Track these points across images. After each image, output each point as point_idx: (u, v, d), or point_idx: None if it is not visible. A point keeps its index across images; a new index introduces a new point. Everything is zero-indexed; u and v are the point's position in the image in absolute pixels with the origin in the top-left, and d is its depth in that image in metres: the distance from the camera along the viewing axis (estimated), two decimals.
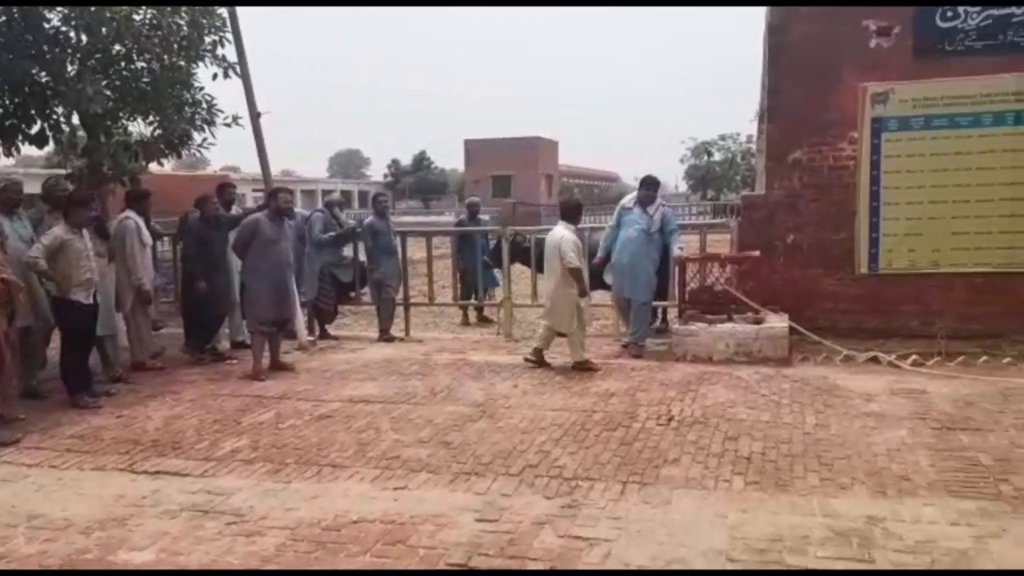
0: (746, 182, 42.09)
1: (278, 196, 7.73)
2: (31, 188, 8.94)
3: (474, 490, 4.48)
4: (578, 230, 7.74)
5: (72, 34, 8.38)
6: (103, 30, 8.12)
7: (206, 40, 8.89)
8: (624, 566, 3.56)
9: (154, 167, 10.97)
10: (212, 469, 4.95)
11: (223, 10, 8.89)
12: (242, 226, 7.61)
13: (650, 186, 8.19)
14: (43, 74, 8.46)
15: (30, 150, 9.45)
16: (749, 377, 6.85)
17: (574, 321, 7.40)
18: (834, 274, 8.15)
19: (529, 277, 9.61)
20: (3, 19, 8.07)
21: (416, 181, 65.72)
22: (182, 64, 8.88)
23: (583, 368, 7.30)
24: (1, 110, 8.55)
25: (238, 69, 8.69)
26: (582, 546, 3.74)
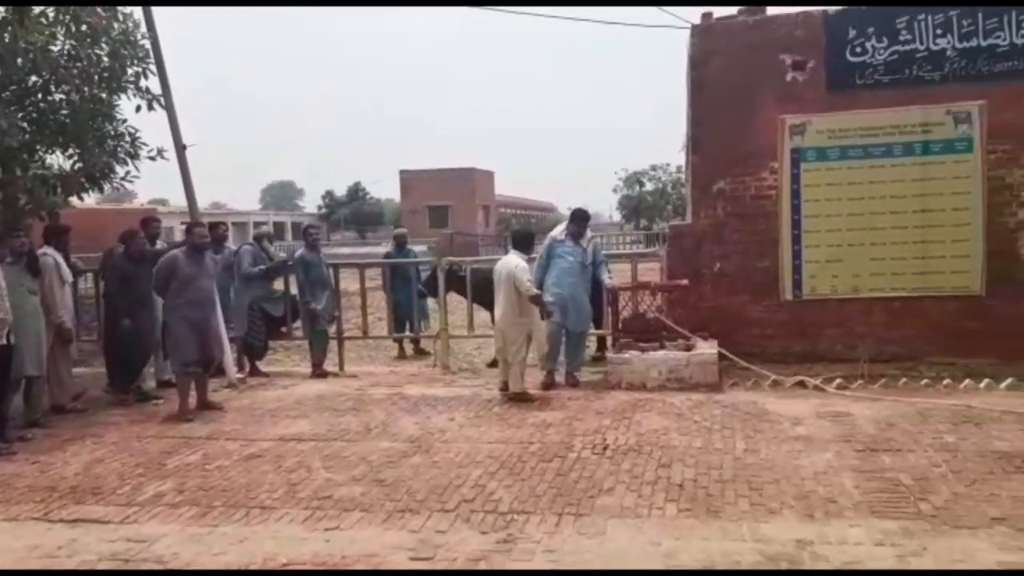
0: (677, 211, 43.05)
1: (193, 231, 7.50)
2: None
3: (408, 528, 4.41)
4: (529, 259, 7.80)
5: None
6: (18, 61, 7.86)
7: (128, 71, 8.68)
8: None
9: (79, 201, 10.60)
10: (134, 515, 4.75)
11: (145, 41, 8.70)
12: (159, 264, 7.36)
13: (581, 221, 8.20)
14: None
15: None
16: (681, 404, 6.95)
17: (521, 351, 7.43)
18: (760, 300, 8.39)
19: (465, 308, 9.59)
20: None
21: (351, 212, 65.18)
22: (103, 96, 8.63)
23: (521, 399, 7.30)
24: None
25: (162, 101, 8.49)
26: None
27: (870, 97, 8.06)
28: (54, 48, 8.20)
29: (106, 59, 8.50)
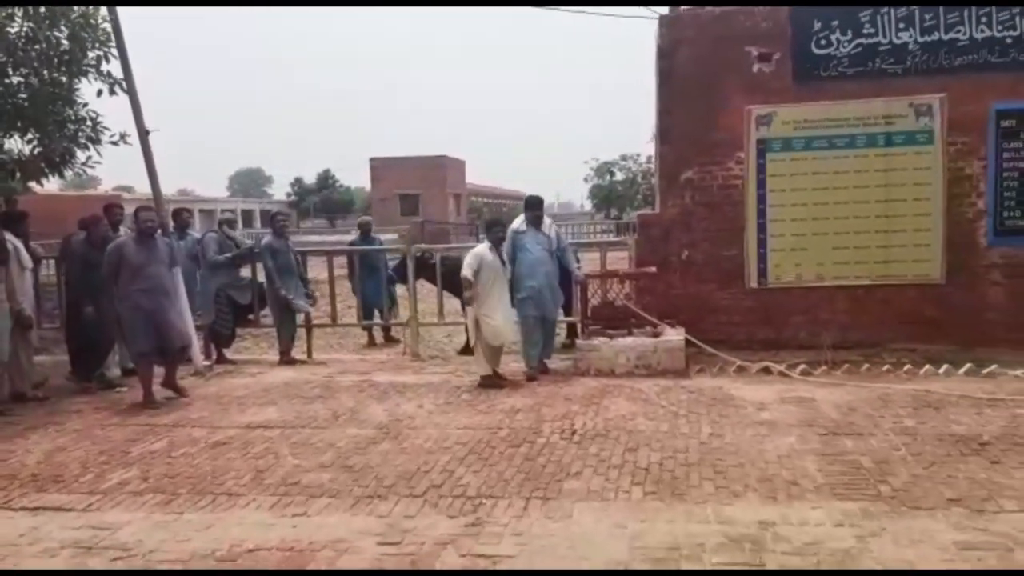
0: (647, 200, 43.32)
1: (139, 215, 7.22)
2: None
3: (376, 513, 4.41)
4: (492, 248, 7.63)
5: None
6: None
7: (89, 55, 8.51)
8: None
9: (39, 187, 10.40)
10: (97, 503, 4.69)
11: (107, 24, 8.52)
12: (107, 252, 7.10)
13: (536, 206, 8.07)
14: None
15: None
16: (649, 389, 7.02)
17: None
18: (727, 288, 8.48)
19: (435, 296, 9.57)
20: None
21: (321, 200, 64.56)
22: (63, 79, 8.46)
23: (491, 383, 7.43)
24: None
25: (124, 85, 8.33)
26: (485, 564, 3.74)
27: (835, 89, 8.17)
28: (11, 30, 8.03)
29: (65, 42, 8.35)
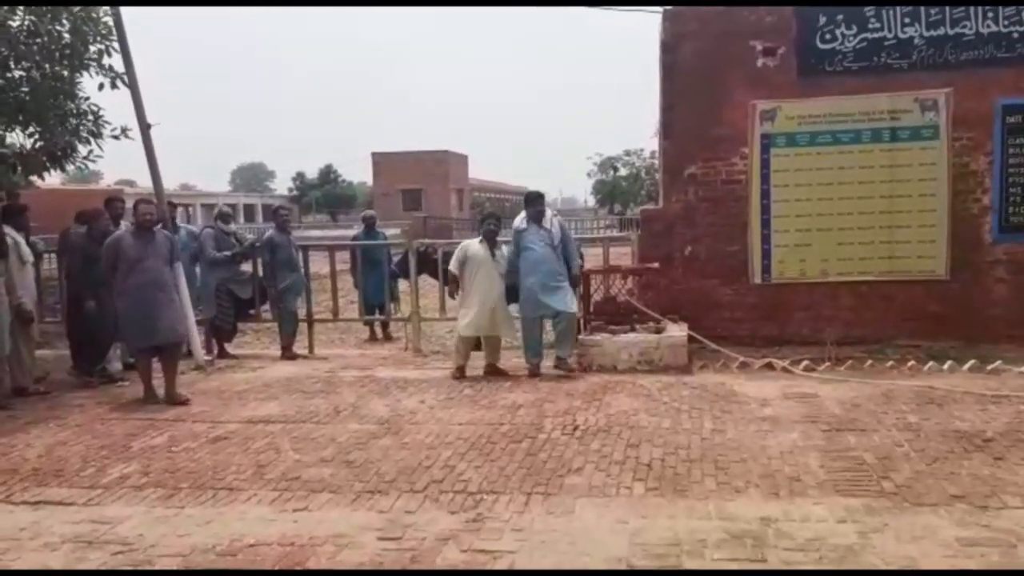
0: (650, 196, 43.21)
1: (138, 209, 7.12)
2: None
3: (377, 508, 4.39)
4: (483, 240, 7.68)
5: None
6: None
7: (91, 49, 8.49)
8: None
9: (41, 181, 10.40)
10: (98, 497, 4.68)
11: (108, 18, 8.50)
12: (104, 246, 7.05)
13: (536, 201, 7.87)
14: None
15: None
16: (651, 385, 7.00)
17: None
18: (730, 284, 8.45)
19: (437, 291, 9.55)
20: None
21: (323, 195, 64.57)
22: (65, 73, 8.45)
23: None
24: None
25: (126, 79, 8.31)
26: (485, 559, 3.72)
27: (839, 84, 8.13)
28: (13, 23, 8.01)
29: (67, 35, 8.33)
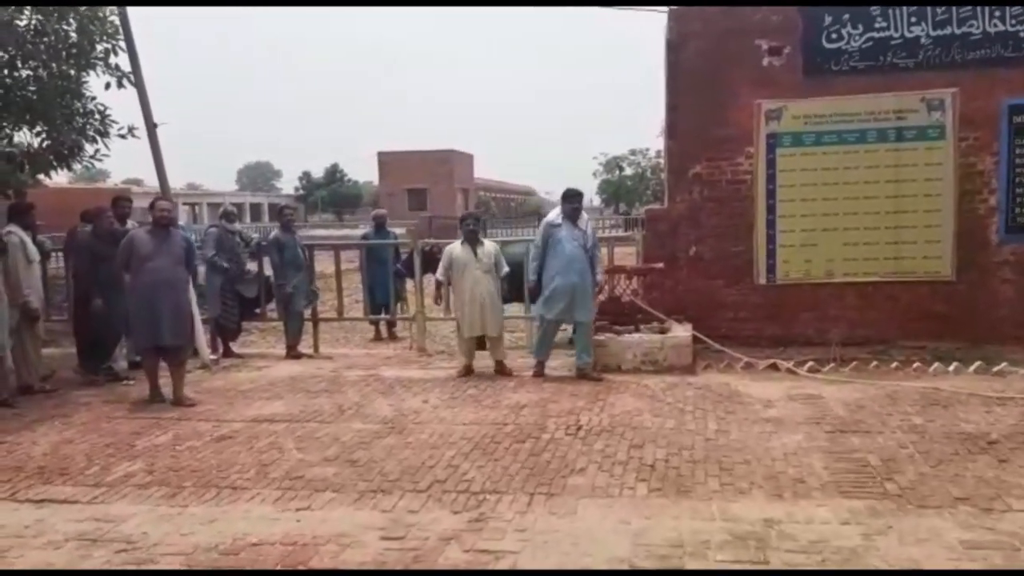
0: (656, 196, 43.10)
1: (155, 207, 7.07)
2: None
3: (380, 508, 4.40)
4: (464, 242, 7.75)
5: None
6: None
7: (98, 48, 8.52)
8: None
9: (48, 180, 10.44)
10: (102, 495, 4.70)
11: (115, 17, 8.52)
12: (121, 243, 7.06)
13: (575, 199, 7.60)
14: None
15: None
16: (655, 385, 6.99)
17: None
18: (735, 284, 8.44)
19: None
20: None
21: (329, 194, 64.66)
22: (71, 72, 8.48)
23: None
24: None
25: (132, 78, 8.34)
26: (487, 560, 3.72)
27: (845, 83, 8.10)
28: (20, 22, 8.03)
29: (74, 35, 8.36)
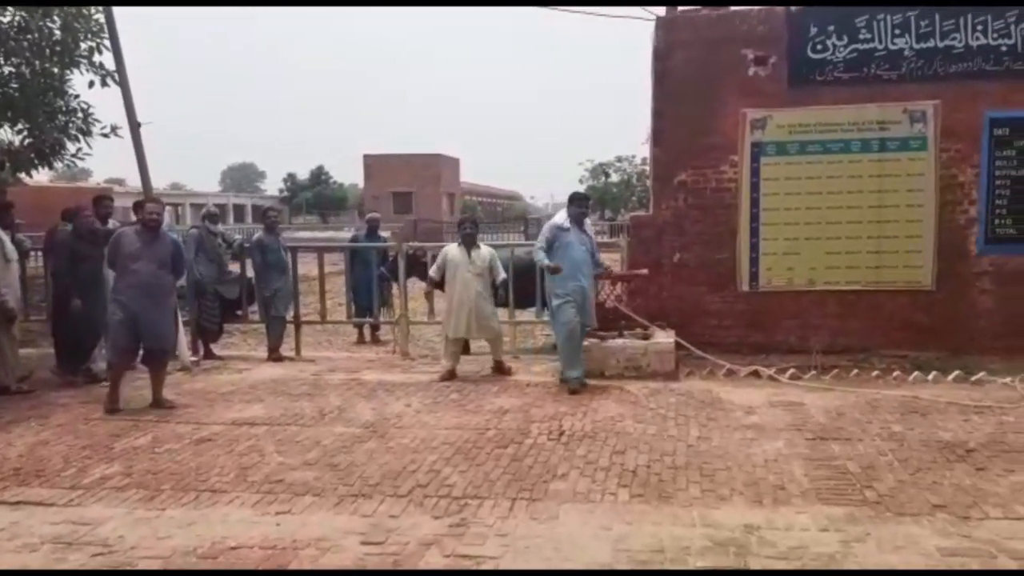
0: (642, 203, 43.28)
1: (143, 207, 6.97)
2: None
3: (360, 512, 4.38)
4: (461, 244, 7.85)
5: None
6: None
7: (82, 46, 8.45)
8: None
9: (29, 178, 10.34)
10: (79, 498, 4.65)
11: (99, 14, 8.45)
12: (110, 241, 6.96)
13: (581, 202, 7.52)
14: None
15: None
16: (638, 391, 7.00)
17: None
18: (718, 291, 8.48)
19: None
20: None
21: (314, 196, 64.39)
22: (55, 70, 8.40)
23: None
24: None
25: (116, 77, 8.27)
26: (468, 565, 3.72)
27: (830, 93, 8.18)
28: (3, 19, 7.97)
29: (58, 32, 8.29)
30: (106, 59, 8.67)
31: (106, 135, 9.13)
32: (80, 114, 8.94)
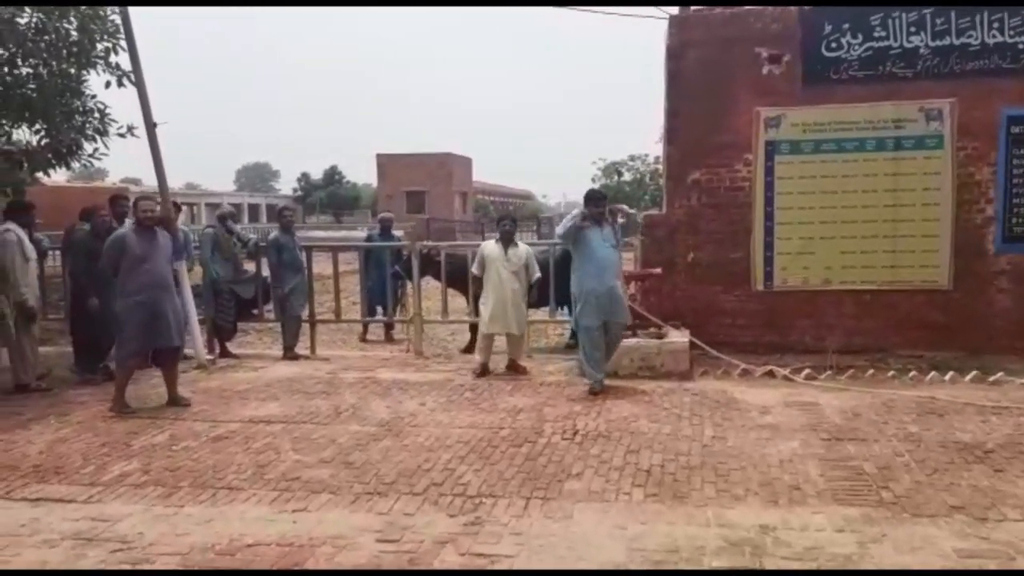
0: (655, 201, 43.13)
1: (139, 205, 6.83)
2: None
3: (376, 510, 4.40)
4: (498, 240, 7.95)
5: None
6: None
7: (98, 46, 8.52)
8: None
9: (46, 178, 10.44)
10: (98, 495, 4.70)
11: (116, 15, 8.51)
12: (107, 243, 6.83)
13: (598, 201, 7.21)
14: None
15: None
16: (652, 391, 7.00)
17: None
18: (732, 291, 8.45)
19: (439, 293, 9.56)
20: None
21: (327, 196, 64.62)
22: (72, 71, 8.48)
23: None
24: None
25: (132, 77, 8.33)
26: (483, 563, 3.73)
27: (844, 92, 8.13)
28: (21, 20, 8.03)
29: (75, 33, 8.36)
30: (122, 60, 8.76)
31: (122, 135, 9.21)
32: (97, 114, 9.01)
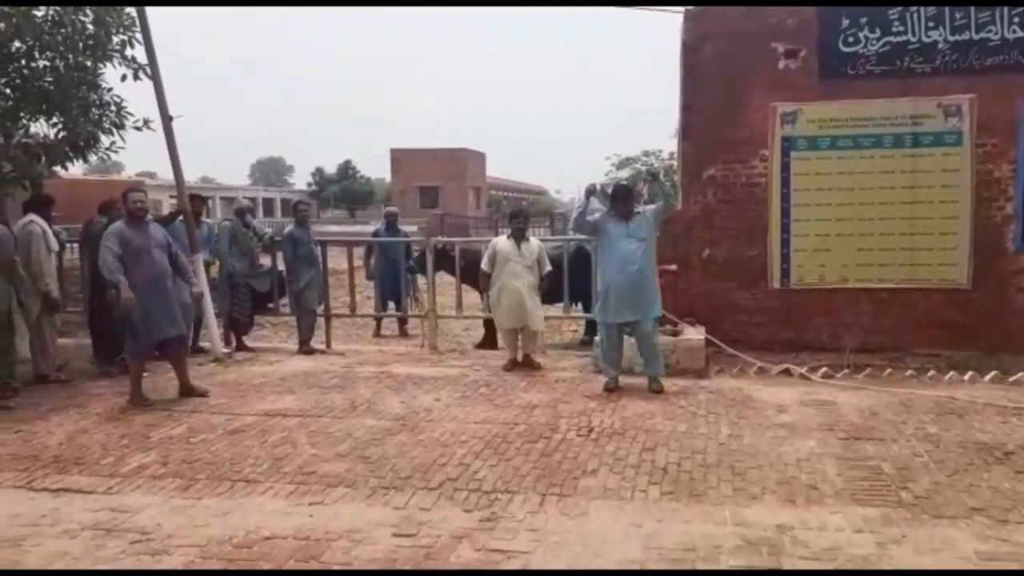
0: None
1: (127, 197, 6.76)
2: None
3: (392, 504, 4.41)
4: (510, 237, 8.01)
5: None
6: (0, 26, 7.73)
7: (114, 40, 8.56)
8: None
9: (63, 171, 10.50)
10: (117, 486, 4.73)
11: (131, 8, 8.54)
12: (104, 237, 6.71)
13: (623, 199, 7.02)
14: None
15: None
16: (668, 388, 6.96)
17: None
18: (748, 288, 8.41)
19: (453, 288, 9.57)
20: None
21: (341, 190, 64.79)
22: (88, 64, 8.52)
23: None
24: None
25: (148, 70, 8.36)
26: (499, 559, 3.73)
27: (862, 87, 8.06)
28: (38, 13, 8.08)
29: (91, 26, 8.39)
30: (138, 53, 8.78)
31: (139, 128, 9.25)
32: (113, 107, 9.05)
